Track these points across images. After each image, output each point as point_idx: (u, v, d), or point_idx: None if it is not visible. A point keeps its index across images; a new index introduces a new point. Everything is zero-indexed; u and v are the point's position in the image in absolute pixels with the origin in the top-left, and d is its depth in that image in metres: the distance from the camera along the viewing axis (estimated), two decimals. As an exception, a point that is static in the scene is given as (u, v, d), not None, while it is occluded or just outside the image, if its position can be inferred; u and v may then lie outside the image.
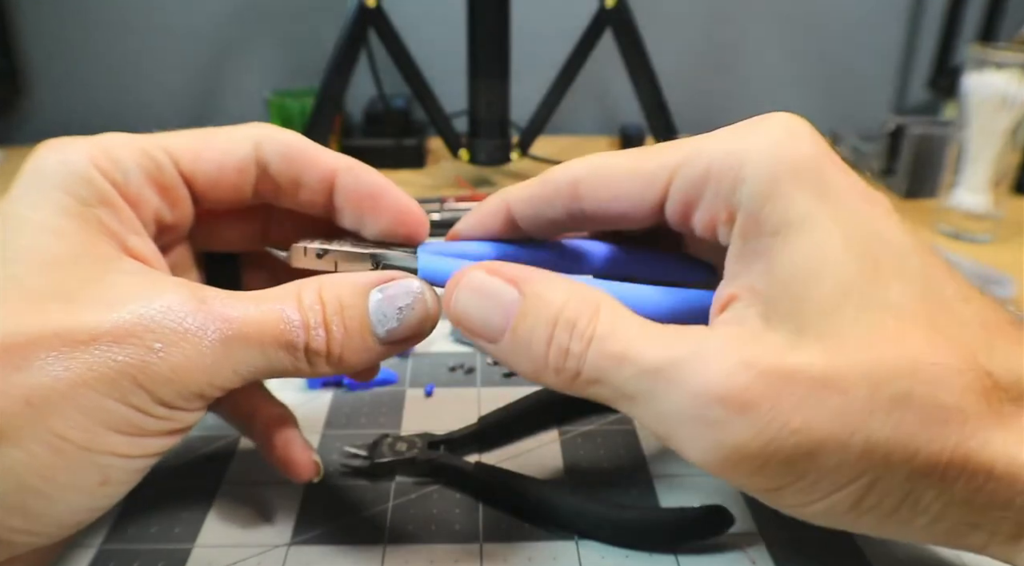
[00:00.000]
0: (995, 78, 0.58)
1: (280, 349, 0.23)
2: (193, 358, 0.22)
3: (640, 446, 0.35)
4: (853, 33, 0.94)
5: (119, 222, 0.24)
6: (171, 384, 0.22)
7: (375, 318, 0.25)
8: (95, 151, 0.24)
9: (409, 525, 0.30)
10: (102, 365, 0.21)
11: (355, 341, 0.25)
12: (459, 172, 0.77)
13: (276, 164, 0.27)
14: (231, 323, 0.23)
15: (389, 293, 0.25)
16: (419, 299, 0.25)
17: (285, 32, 0.91)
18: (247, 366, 0.23)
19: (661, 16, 0.90)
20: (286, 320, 0.23)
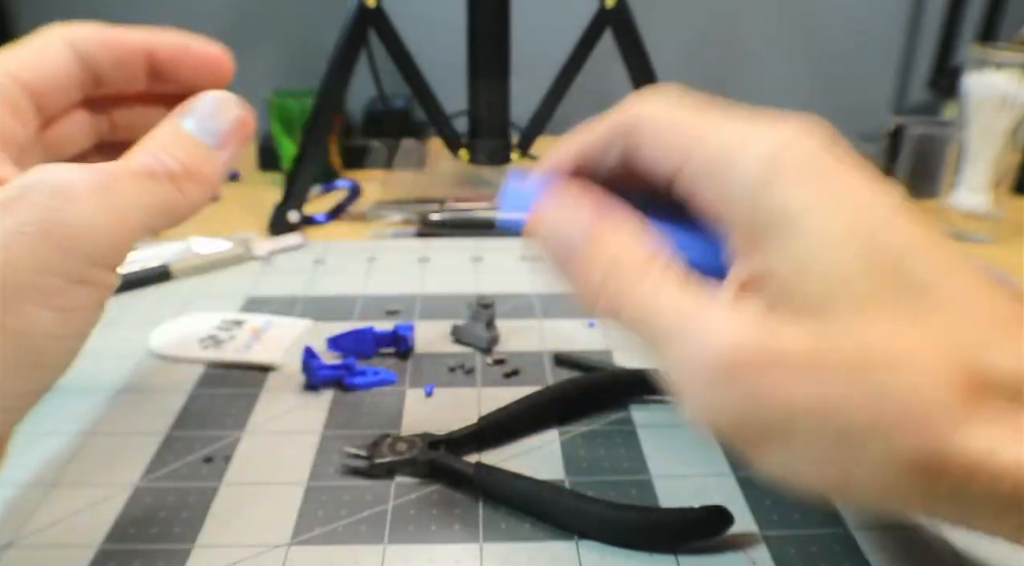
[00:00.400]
0: (995, 78, 0.58)
1: (150, 180, 0.26)
2: (94, 203, 0.24)
3: (640, 446, 0.35)
4: (853, 33, 0.94)
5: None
6: (86, 236, 0.23)
7: (199, 133, 0.28)
8: None
9: (409, 525, 0.30)
10: (15, 241, 0.22)
11: (198, 155, 0.27)
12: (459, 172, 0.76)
13: (97, 54, 0.29)
14: (108, 170, 0.25)
15: (197, 111, 0.28)
16: (221, 99, 0.29)
17: (285, 32, 0.91)
18: (137, 202, 0.25)
19: (661, 16, 0.90)
20: (140, 161, 0.26)
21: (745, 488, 0.32)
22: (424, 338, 0.44)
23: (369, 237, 0.61)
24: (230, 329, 0.44)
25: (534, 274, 0.54)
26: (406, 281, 0.52)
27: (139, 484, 0.32)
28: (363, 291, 0.51)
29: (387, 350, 0.43)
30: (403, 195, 0.68)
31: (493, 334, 0.43)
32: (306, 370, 0.39)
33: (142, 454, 0.34)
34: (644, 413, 0.38)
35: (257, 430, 0.36)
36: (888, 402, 0.20)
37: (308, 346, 0.40)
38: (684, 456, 0.34)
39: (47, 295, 0.23)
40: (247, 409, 0.38)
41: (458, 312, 0.47)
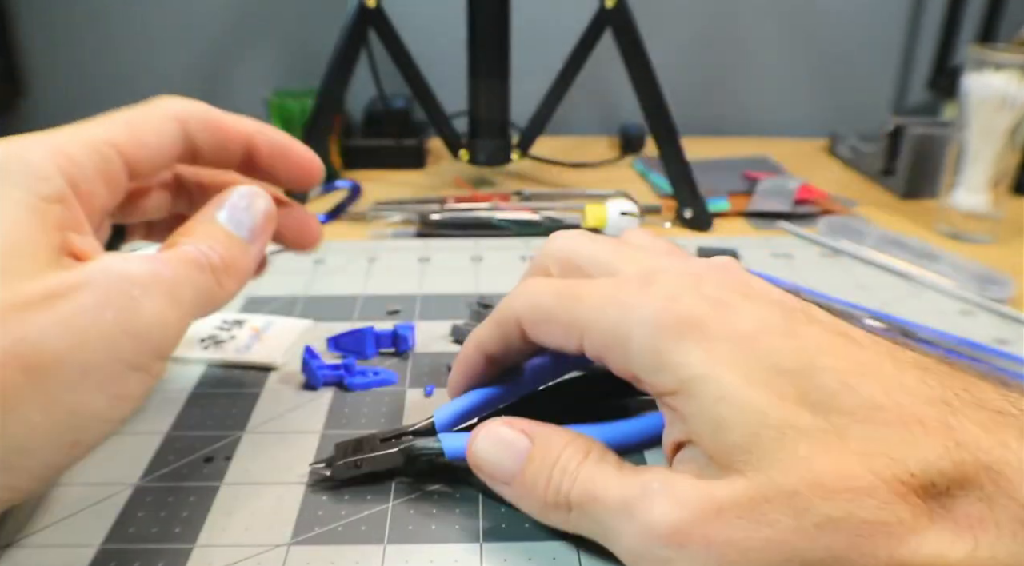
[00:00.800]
0: (995, 78, 0.58)
1: (199, 272, 0.27)
2: (164, 298, 0.25)
3: (640, 446, 0.35)
4: (853, 34, 0.94)
5: (67, 218, 0.26)
6: (155, 329, 0.25)
7: (233, 227, 0.29)
8: (55, 152, 0.26)
9: (409, 525, 0.30)
10: (96, 324, 0.23)
11: (234, 250, 0.29)
12: (459, 172, 0.77)
13: (200, 136, 0.30)
14: (168, 262, 0.26)
15: (230, 205, 0.30)
16: (252, 195, 0.31)
17: (285, 32, 0.91)
18: (191, 295, 0.26)
19: (661, 16, 0.90)
20: (190, 251, 0.27)
21: (745, 488, 0.32)
22: (424, 338, 0.44)
23: (369, 237, 0.61)
24: (231, 329, 0.44)
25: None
26: (406, 281, 0.52)
27: (139, 484, 0.32)
28: (363, 291, 0.51)
29: (387, 350, 0.43)
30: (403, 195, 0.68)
31: (493, 334, 0.43)
32: (306, 370, 0.39)
33: (142, 454, 0.34)
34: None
35: (257, 430, 0.36)
36: (837, 533, 0.21)
37: (308, 346, 0.40)
38: (684, 456, 0.35)
39: (108, 380, 0.24)
40: (247, 409, 0.38)
41: (458, 312, 0.47)
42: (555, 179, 0.78)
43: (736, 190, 0.71)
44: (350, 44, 0.61)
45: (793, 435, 0.22)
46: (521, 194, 0.69)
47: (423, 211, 0.63)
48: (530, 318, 0.30)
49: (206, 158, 0.31)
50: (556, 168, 0.81)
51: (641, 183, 0.77)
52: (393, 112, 0.81)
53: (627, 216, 0.61)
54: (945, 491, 0.21)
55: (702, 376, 0.24)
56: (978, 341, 0.44)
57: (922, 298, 0.51)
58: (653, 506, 0.24)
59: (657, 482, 0.24)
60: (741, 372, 0.24)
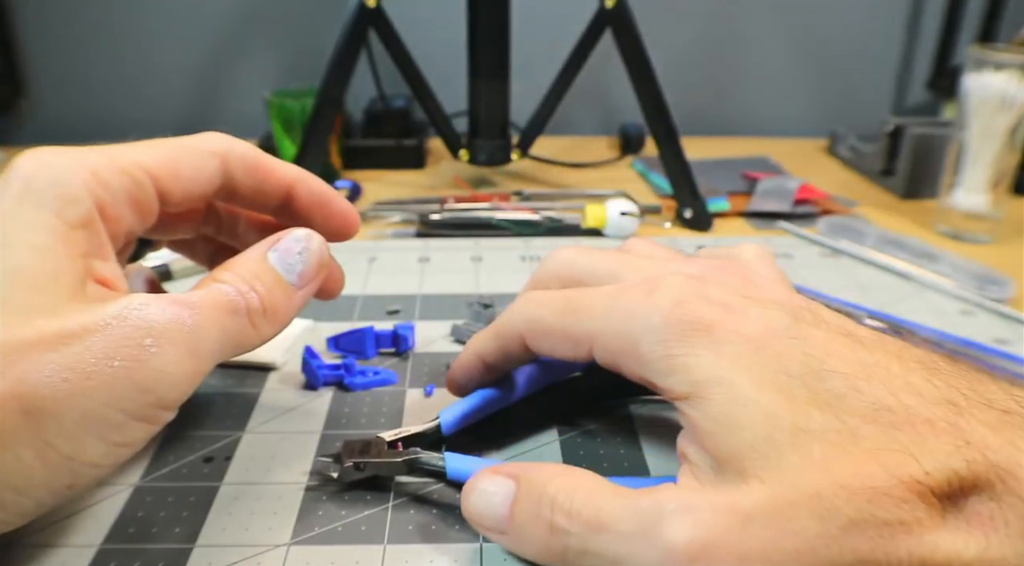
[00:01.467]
0: (994, 78, 0.58)
1: (231, 315, 0.27)
2: (180, 347, 0.24)
3: (640, 446, 0.35)
4: (853, 34, 0.94)
5: (92, 244, 0.26)
6: (166, 381, 0.24)
7: (283, 270, 0.29)
8: (86, 174, 0.26)
9: (409, 525, 0.30)
10: (100, 372, 0.23)
11: (277, 293, 0.29)
12: (459, 172, 0.77)
13: (240, 176, 0.30)
14: (195, 306, 0.25)
15: (283, 247, 0.29)
16: (308, 240, 0.30)
17: (285, 32, 0.91)
18: (215, 342, 0.26)
19: (661, 16, 0.90)
20: (226, 293, 0.27)
21: (745, 488, 0.32)
22: (424, 338, 0.44)
23: (369, 237, 0.61)
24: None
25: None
26: (406, 281, 0.52)
27: (139, 484, 0.32)
28: (363, 291, 0.51)
29: (387, 350, 0.43)
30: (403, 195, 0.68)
31: (493, 334, 0.43)
32: (306, 370, 0.39)
33: (142, 454, 0.34)
34: (644, 413, 0.38)
35: (257, 430, 0.36)
36: (860, 535, 0.21)
37: (308, 346, 0.40)
38: (684, 456, 0.35)
39: (108, 428, 0.23)
40: (247, 409, 0.38)
41: (458, 312, 0.47)
42: (555, 179, 0.78)
43: (736, 190, 0.71)
44: (350, 44, 0.61)
45: (807, 438, 0.22)
46: (521, 194, 0.69)
47: (423, 211, 0.63)
48: (533, 332, 0.30)
49: (243, 198, 0.31)
50: (556, 168, 0.81)
51: (641, 183, 0.77)
52: (393, 112, 0.81)
53: (627, 216, 0.61)
54: (958, 490, 0.21)
55: (715, 378, 0.24)
56: (978, 341, 0.44)
57: (922, 298, 0.51)
58: (673, 527, 0.22)
59: (672, 502, 0.23)
60: (752, 375, 0.24)
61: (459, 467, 0.31)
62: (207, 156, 0.29)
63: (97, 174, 0.26)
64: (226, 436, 0.36)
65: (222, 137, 0.30)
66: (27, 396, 0.22)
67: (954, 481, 0.21)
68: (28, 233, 0.24)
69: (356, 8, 0.61)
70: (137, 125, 0.92)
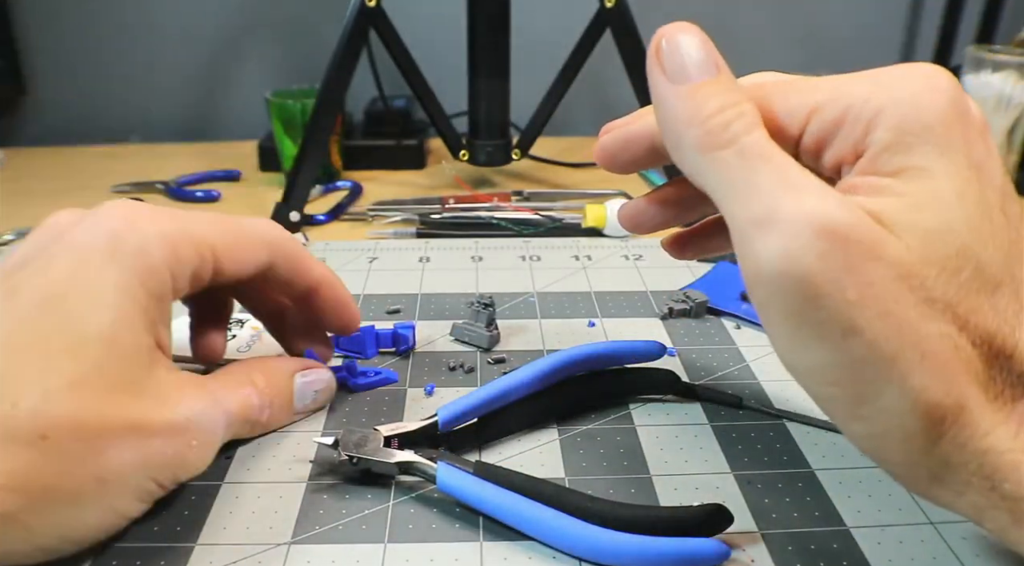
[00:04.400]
0: (993, 79, 0.58)
1: (244, 423, 0.32)
2: (210, 449, 0.30)
3: (640, 445, 0.35)
4: (852, 35, 0.94)
5: (161, 314, 0.29)
6: (190, 470, 0.29)
7: (297, 397, 0.35)
8: (168, 248, 0.29)
9: (409, 524, 0.30)
10: (157, 455, 0.28)
11: (282, 413, 0.34)
12: (459, 172, 0.77)
13: (280, 267, 0.34)
14: (230, 414, 0.31)
15: (309, 380, 0.35)
16: (329, 386, 0.37)
17: (285, 32, 0.91)
18: (226, 438, 0.31)
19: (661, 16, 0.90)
20: (252, 405, 0.32)
21: (744, 487, 0.33)
22: (424, 337, 0.44)
23: (369, 237, 0.61)
24: (231, 328, 0.44)
25: (534, 274, 0.54)
26: (406, 281, 0.53)
27: (141, 483, 0.32)
28: (363, 291, 0.51)
29: (387, 349, 0.43)
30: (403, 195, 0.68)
31: (493, 334, 0.44)
32: (307, 370, 0.39)
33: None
34: (644, 413, 0.38)
35: (258, 429, 0.36)
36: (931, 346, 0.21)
37: (309, 350, 0.40)
38: (684, 455, 0.35)
39: (145, 493, 0.28)
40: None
41: (458, 312, 0.47)
42: (555, 179, 0.78)
43: (735, 190, 0.70)
44: (350, 44, 0.61)
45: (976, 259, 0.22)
46: (521, 194, 0.69)
47: (423, 211, 0.63)
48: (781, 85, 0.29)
49: (274, 283, 0.34)
50: (556, 168, 0.81)
51: (641, 183, 0.77)
52: (393, 112, 0.81)
53: (627, 216, 0.61)
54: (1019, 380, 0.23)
55: (929, 168, 0.23)
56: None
57: (921, 298, 0.51)
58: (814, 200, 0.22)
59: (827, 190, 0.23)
60: (960, 187, 0.23)
61: (449, 480, 0.31)
62: (261, 245, 0.32)
63: (176, 250, 0.29)
64: (227, 435, 0.36)
65: (275, 229, 0.34)
66: (106, 469, 0.26)
67: None
68: (117, 299, 0.27)
69: (356, 8, 0.61)
70: (138, 124, 0.92)
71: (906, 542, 0.29)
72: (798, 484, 0.33)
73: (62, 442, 0.25)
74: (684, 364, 0.42)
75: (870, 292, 0.21)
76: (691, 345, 0.44)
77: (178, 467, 0.29)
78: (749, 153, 0.24)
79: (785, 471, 0.33)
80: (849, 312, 0.21)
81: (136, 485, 0.28)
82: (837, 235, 0.21)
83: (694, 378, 0.41)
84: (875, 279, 0.21)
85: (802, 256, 0.21)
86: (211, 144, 0.89)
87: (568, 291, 0.51)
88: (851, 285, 0.21)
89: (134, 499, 0.28)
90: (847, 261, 0.21)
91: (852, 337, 0.22)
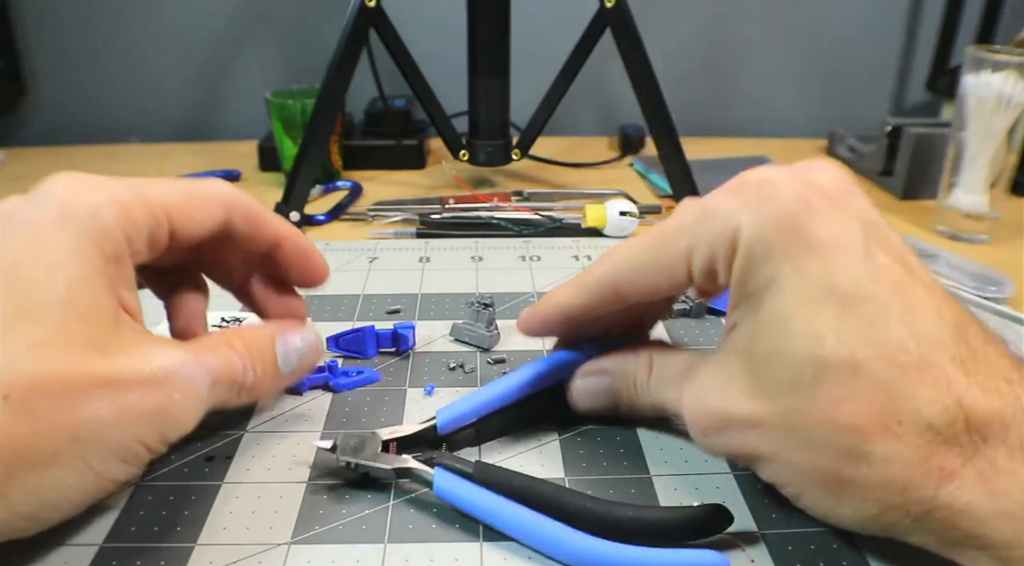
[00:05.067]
0: (993, 79, 0.58)
1: (229, 385, 0.31)
2: (195, 405, 0.29)
3: (640, 446, 0.35)
4: (852, 34, 0.94)
5: (121, 276, 0.29)
6: (177, 427, 0.28)
7: (281, 360, 0.33)
8: (118, 208, 0.28)
9: (409, 524, 0.30)
10: (135, 410, 0.27)
11: (268, 377, 0.32)
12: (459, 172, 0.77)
13: (239, 224, 0.33)
14: (213, 372, 0.29)
15: (290, 341, 0.33)
16: (313, 347, 0.35)
17: (285, 32, 0.91)
18: (212, 401, 0.30)
19: (661, 16, 0.90)
20: (236, 366, 0.31)
21: (744, 487, 0.33)
22: (424, 337, 0.44)
23: (369, 237, 0.61)
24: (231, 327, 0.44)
25: (534, 274, 0.54)
26: (406, 281, 0.53)
27: (141, 483, 0.32)
28: (363, 291, 0.51)
29: (387, 349, 0.43)
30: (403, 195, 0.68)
31: (493, 334, 0.44)
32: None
33: (144, 453, 0.34)
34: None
35: (258, 429, 0.36)
36: None
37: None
38: (683, 455, 0.35)
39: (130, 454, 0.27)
40: (248, 408, 0.38)
41: (458, 312, 0.47)
42: (555, 179, 0.78)
43: (735, 190, 0.70)
44: (350, 44, 0.61)
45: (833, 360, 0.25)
46: (521, 194, 0.69)
47: (423, 211, 0.63)
48: (622, 275, 0.32)
49: (236, 243, 0.34)
50: (556, 168, 0.81)
51: (641, 183, 0.77)
52: (393, 112, 0.81)
53: (627, 216, 0.61)
54: (982, 437, 0.24)
55: (775, 281, 0.27)
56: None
57: (921, 298, 0.51)
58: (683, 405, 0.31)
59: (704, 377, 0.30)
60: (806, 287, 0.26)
61: (446, 487, 0.31)
62: (216, 204, 0.32)
63: (128, 211, 0.28)
64: (227, 435, 0.36)
65: (228, 187, 0.33)
66: (80, 426, 0.25)
67: (984, 423, 0.24)
68: (71, 262, 0.27)
69: (356, 8, 0.61)
70: (138, 124, 0.92)
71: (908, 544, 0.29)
72: (798, 484, 0.33)
73: (28, 401, 0.25)
74: (684, 364, 0.42)
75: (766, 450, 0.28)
76: (691, 345, 0.44)
77: (163, 424, 0.28)
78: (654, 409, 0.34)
79: (785, 471, 0.33)
80: None
81: (118, 444, 0.27)
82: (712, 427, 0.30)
83: (694, 378, 0.41)
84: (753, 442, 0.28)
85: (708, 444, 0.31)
86: (211, 144, 0.89)
87: (568, 291, 0.51)
88: None
89: (117, 460, 0.27)
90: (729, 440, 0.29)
91: None
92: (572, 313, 0.34)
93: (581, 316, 0.34)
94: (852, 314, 0.25)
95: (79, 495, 0.27)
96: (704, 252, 0.29)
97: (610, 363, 0.35)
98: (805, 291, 0.26)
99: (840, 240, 0.26)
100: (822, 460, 0.26)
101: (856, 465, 0.25)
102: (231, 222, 0.33)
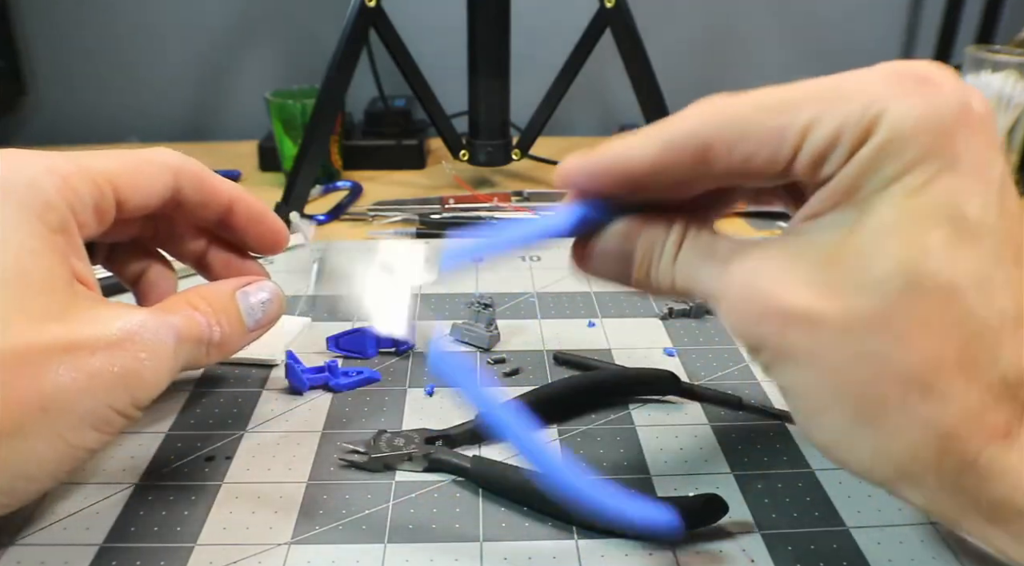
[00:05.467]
0: (993, 79, 0.58)
1: (196, 343, 0.30)
2: (163, 363, 0.28)
3: (640, 446, 0.35)
4: (851, 35, 0.94)
5: (70, 247, 0.28)
6: (147, 388, 0.28)
7: (245, 313, 0.32)
8: (59, 180, 0.28)
9: (409, 524, 0.30)
10: (101, 374, 0.26)
11: (235, 333, 0.32)
12: (459, 172, 0.77)
13: (188, 191, 0.32)
14: (178, 330, 0.29)
15: (252, 292, 0.33)
16: (276, 296, 0.34)
17: (285, 32, 0.91)
18: (182, 362, 0.29)
19: (661, 16, 0.90)
20: (200, 322, 0.30)
21: (744, 487, 0.33)
22: (424, 338, 0.44)
23: (369, 237, 0.61)
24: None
25: (534, 274, 0.54)
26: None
27: (140, 483, 0.32)
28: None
29: (387, 350, 0.43)
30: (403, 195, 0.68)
31: (493, 334, 0.44)
32: (291, 375, 0.39)
33: (144, 453, 0.34)
34: (644, 413, 0.38)
35: (258, 429, 0.36)
36: None
37: (290, 351, 0.39)
38: (684, 455, 0.35)
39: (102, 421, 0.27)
40: (248, 408, 0.38)
41: (458, 312, 0.47)
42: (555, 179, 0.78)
43: (735, 190, 0.70)
44: (350, 44, 0.61)
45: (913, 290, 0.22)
46: (521, 194, 0.69)
47: (423, 211, 0.63)
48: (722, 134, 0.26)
49: (188, 210, 0.33)
50: (556, 168, 0.81)
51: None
52: (393, 112, 0.81)
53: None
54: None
55: (890, 192, 0.23)
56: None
57: (921, 298, 0.51)
58: (744, 280, 0.25)
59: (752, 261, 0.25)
60: (917, 211, 0.23)
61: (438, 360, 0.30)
62: (162, 171, 0.31)
63: (68, 181, 0.28)
64: (227, 435, 0.36)
65: (174, 153, 0.33)
66: (45, 395, 0.25)
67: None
68: (17, 235, 0.26)
69: (356, 8, 0.61)
70: (138, 124, 0.92)
71: (906, 542, 0.29)
72: (798, 484, 0.33)
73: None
74: (684, 364, 0.42)
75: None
76: (691, 345, 0.44)
77: (132, 386, 0.27)
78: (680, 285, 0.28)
79: (785, 471, 0.33)
80: None
81: (87, 411, 0.26)
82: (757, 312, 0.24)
83: (694, 378, 0.41)
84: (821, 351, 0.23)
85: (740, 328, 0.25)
86: (211, 144, 0.89)
87: (568, 291, 0.51)
88: None
89: (88, 428, 0.26)
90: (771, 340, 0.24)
91: None
92: (637, 171, 0.27)
93: (647, 177, 0.27)
94: (968, 243, 0.22)
95: (53, 466, 0.26)
96: (828, 130, 0.24)
97: (637, 225, 0.29)
98: (928, 203, 0.23)
99: (983, 166, 0.23)
100: (871, 377, 0.22)
101: (908, 393, 0.22)
102: (180, 189, 0.32)
